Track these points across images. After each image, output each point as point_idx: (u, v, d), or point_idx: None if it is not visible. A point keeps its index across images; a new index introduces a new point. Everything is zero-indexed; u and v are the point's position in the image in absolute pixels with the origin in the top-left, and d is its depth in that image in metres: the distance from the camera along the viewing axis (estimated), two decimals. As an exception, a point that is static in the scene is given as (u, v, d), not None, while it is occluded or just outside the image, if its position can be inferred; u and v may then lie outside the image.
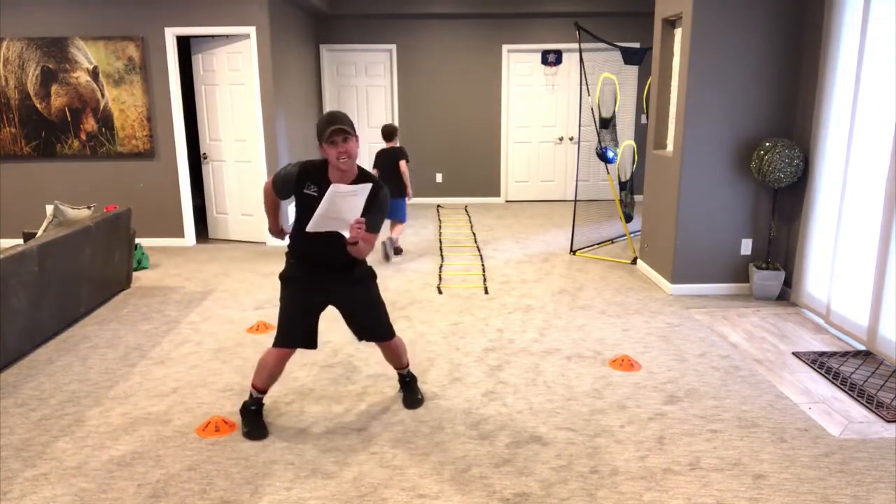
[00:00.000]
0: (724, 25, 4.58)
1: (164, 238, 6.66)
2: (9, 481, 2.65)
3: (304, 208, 2.80)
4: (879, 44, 3.82)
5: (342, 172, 2.79)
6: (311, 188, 2.80)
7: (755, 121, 4.72)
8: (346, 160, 2.73)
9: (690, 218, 4.88)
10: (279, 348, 2.96)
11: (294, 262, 2.95)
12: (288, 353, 2.99)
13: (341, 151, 2.71)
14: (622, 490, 2.57)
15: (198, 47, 6.52)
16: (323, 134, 2.70)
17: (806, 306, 4.55)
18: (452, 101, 8.75)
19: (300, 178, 2.83)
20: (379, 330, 3.09)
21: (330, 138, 2.70)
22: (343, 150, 2.71)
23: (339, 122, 2.70)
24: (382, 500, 2.52)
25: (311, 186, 2.81)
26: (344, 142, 2.71)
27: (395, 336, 3.14)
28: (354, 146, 2.75)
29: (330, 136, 2.69)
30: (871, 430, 3.00)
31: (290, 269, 2.97)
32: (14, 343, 3.77)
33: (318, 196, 2.74)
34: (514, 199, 9.12)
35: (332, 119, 2.72)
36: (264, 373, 3.00)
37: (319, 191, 2.76)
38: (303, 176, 2.83)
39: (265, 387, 3.04)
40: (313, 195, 2.78)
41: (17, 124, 6.35)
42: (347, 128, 2.70)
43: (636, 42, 8.47)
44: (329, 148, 2.72)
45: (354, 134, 2.74)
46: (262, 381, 3.02)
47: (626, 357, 3.76)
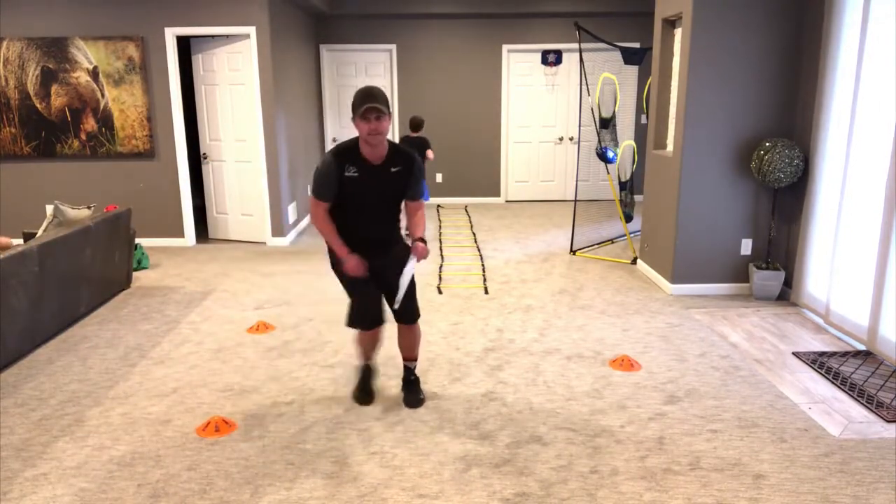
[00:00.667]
0: (724, 25, 4.58)
1: (164, 238, 6.66)
2: (9, 481, 2.65)
3: (347, 189, 2.88)
4: (879, 44, 3.82)
5: (372, 147, 2.85)
6: (351, 170, 2.86)
7: (755, 121, 4.72)
8: (377, 136, 2.79)
9: (690, 218, 4.88)
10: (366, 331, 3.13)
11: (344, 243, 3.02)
12: (377, 331, 3.14)
13: (373, 128, 2.77)
14: (622, 490, 2.57)
15: (198, 47, 6.52)
16: (358, 109, 2.75)
17: (806, 306, 4.55)
18: (452, 101, 8.75)
19: (339, 162, 2.86)
20: (410, 308, 3.15)
21: (364, 115, 2.75)
22: (375, 128, 2.77)
23: (374, 100, 2.74)
24: (382, 500, 2.52)
25: (350, 168, 2.86)
26: (377, 119, 2.76)
27: (418, 319, 3.23)
28: (387, 124, 2.80)
29: (365, 112, 2.74)
30: (871, 430, 3.00)
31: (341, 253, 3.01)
32: (14, 343, 3.77)
33: (357, 176, 2.86)
34: (514, 199, 9.12)
35: (368, 95, 2.76)
36: (361, 349, 3.24)
37: (359, 170, 2.86)
38: (341, 160, 2.87)
39: (368, 357, 3.28)
40: (354, 176, 2.86)
41: (17, 124, 6.35)
42: (382, 106, 2.75)
43: (636, 42, 8.47)
44: (362, 123, 2.77)
45: (389, 112, 2.79)
46: (363, 355, 3.27)
47: (626, 357, 3.76)
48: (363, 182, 2.89)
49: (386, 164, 2.92)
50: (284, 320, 4.46)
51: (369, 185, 2.91)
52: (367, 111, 2.74)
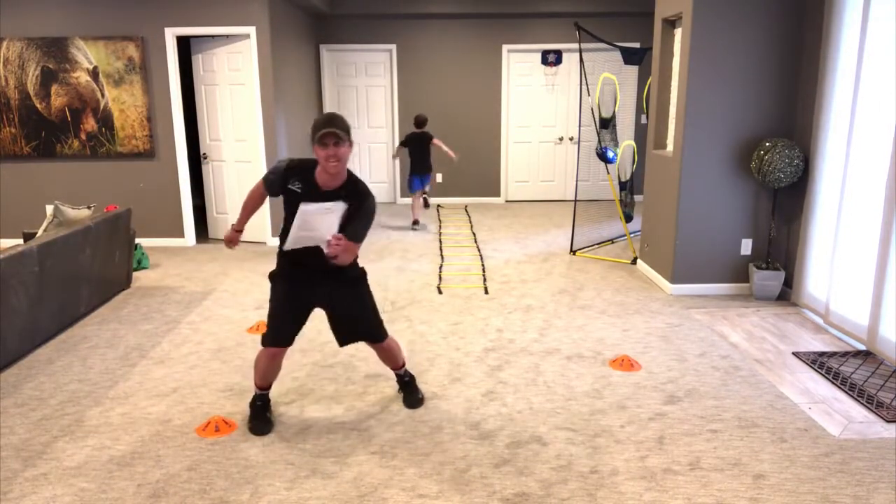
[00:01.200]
0: (724, 25, 4.58)
1: (164, 238, 6.66)
2: (9, 481, 2.65)
3: (289, 205, 2.81)
4: (879, 44, 3.82)
5: (330, 175, 2.75)
6: (296, 184, 2.78)
7: (755, 121, 4.72)
8: (335, 164, 2.69)
9: (690, 218, 4.88)
10: (269, 348, 2.97)
11: (283, 260, 2.96)
12: (279, 352, 3.00)
13: (331, 154, 2.67)
14: (622, 490, 2.57)
15: (198, 47, 6.52)
16: (315, 135, 2.67)
17: (806, 306, 4.55)
18: (452, 101, 8.75)
19: (287, 173, 2.80)
20: (369, 331, 3.07)
21: (322, 140, 2.66)
22: (333, 154, 2.67)
23: (334, 125, 2.66)
24: (382, 500, 2.52)
25: (295, 182, 2.78)
26: (335, 145, 2.67)
27: (387, 337, 3.12)
28: (346, 151, 2.71)
29: (322, 138, 2.65)
30: (871, 430, 3.00)
31: (279, 268, 2.98)
32: (14, 343, 3.77)
33: (300, 193, 2.76)
34: (514, 199, 9.12)
35: (329, 121, 2.67)
36: (259, 373, 3.05)
37: (304, 188, 2.76)
38: (290, 172, 2.80)
39: (263, 384, 3.09)
40: (297, 191, 2.77)
41: (17, 124, 6.35)
42: (341, 132, 2.66)
43: (636, 42, 8.47)
44: (319, 149, 2.68)
45: (349, 139, 2.70)
46: (259, 380, 3.07)
47: (626, 357, 3.76)
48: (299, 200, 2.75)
49: (336, 194, 2.76)
50: (284, 320, 4.46)
51: None
52: (325, 136, 2.64)
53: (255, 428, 3.02)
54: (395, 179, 9.00)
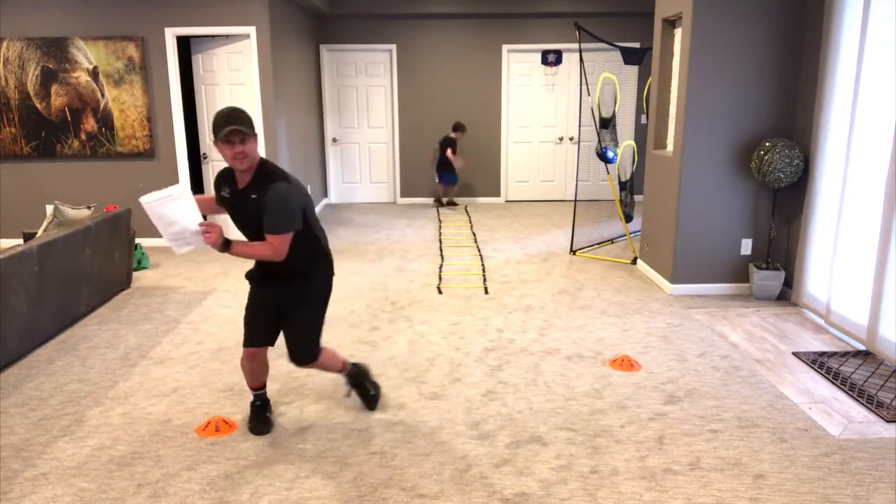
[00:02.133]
0: (724, 25, 4.58)
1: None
2: (9, 481, 2.65)
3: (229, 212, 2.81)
4: (879, 44, 3.82)
5: (241, 173, 2.68)
6: (225, 190, 2.75)
7: (755, 121, 4.72)
8: (243, 160, 2.60)
9: (690, 218, 4.88)
10: (246, 349, 2.95)
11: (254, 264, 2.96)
12: (256, 352, 2.95)
13: (238, 152, 2.57)
14: (622, 490, 2.57)
15: (198, 47, 6.52)
16: (219, 132, 2.55)
17: (806, 306, 4.55)
18: (452, 101, 8.75)
19: (217, 183, 2.79)
20: (295, 350, 2.91)
21: (226, 138, 2.55)
22: (240, 151, 2.57)
23: (237, 122, 2.55)
24: (382, 500, 2.52)
25: (224, 189, 2.75)
26: (241, 143, 2.57)
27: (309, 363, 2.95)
28: (253, 146, 2.61)
29: (227, 135, 2.55)
30: (871, 430, 3.00)
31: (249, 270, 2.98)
32: (14, 343, 3.77)
33: (229, 198, 2.74)
34: (514, 199, 9.11)
35: (230, 117, 2.56)
36: (245, 374, 3.04)
37: (231, 192, 2.73)
38: (219, 181, 2.78)
39: (254, 385, 3.07)
40: (226, 197, 2.75)
41: (17, 124, 6.35)
42: (245, 128, 2.56)
43: (636, 42, 8.47)
44: (224, 147, 2.58)
45: (253, 133, 2.61)
46: (248, 381, 3.07)
47: (626, 357, 3.76)
48: (231, 205, 2.75)
49: (247, 189, 2.68)
50: (284, 320, 4.46)
51: (235, 208, 2.74)
52: (229, 134, 2.53)
53: (254, 428, 3.02)
54: (396, 180, 9.00)
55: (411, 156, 8.91)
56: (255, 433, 3.00)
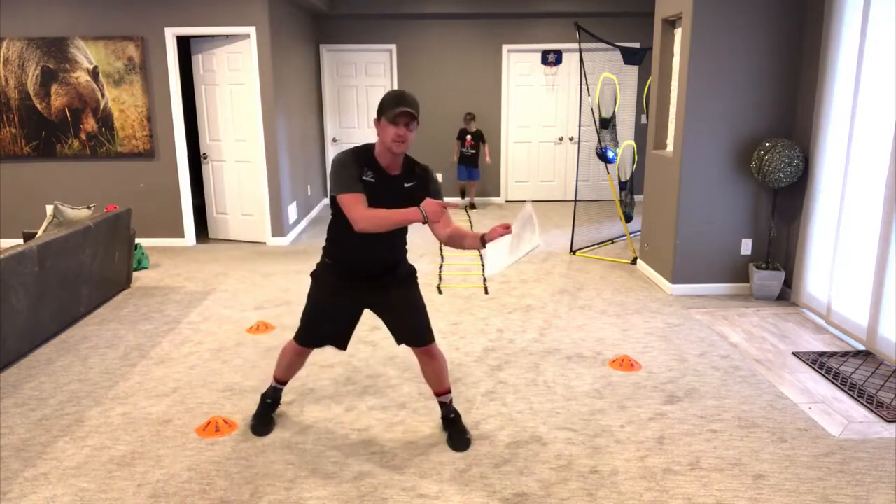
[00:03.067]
0: (724, 26, 4.58)
1: (164, 238, 6.66)
2: (9, 481, 2.65)
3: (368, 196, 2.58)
4: (879, 44, 3.82)
5: (392, 156, 2.59)
6: (369, 174, 2.57)
7: (755, 121, 4.72)
8: (402, 144, 2.52)
9: (690, 218, 4.88)
10: (297, 345, 2.90)
11: (331, 263, 2.76)
12: (306, 351, 2.93)
13: (401, 134, 2.50)
14: (622, 490, 2.57)
15: (198, 47, 6.52)
16: (388, 111, 2.48)
17: (806, 306, 4.55)
18: (452, 101, 8.75)
19: (358, 163, 2.57)
20: (417, 331, 2.80)
21: (395, 119, 2.48)
22: (403, 135, 2.50)
23: (410, 105, 2.49)
24: (382, 500, 2.52)
25: (368, 172, 2.57)
26: (406, 126, 2.50)
27: (433, 341, 2.84)
28: (413, 135, 2.54)
29: (396, 116, 2.47)
30: (871, 430, 3.00)
31: (324, 270, 2.78)
32: (14, 343, 3.77)
33: (374, 182, 2.57)
34: (514, 199, 9.11)
35: (403, 99, 2.50)
36: (283, 365, 2.99)
37: (376, 176, 2.58)
38: (359, 160, 2.58)
39: (284, 378, 3.04)
40: (371, 181, 2.57)
41: (17, 124, 6.35)
42: (415, 112, 2.50)
43: (636, 42, 8.47)
44: (390, 126, 2.49)
45: (418, 121, 2.55)
46: (281, 372, 3.02)
47: (626, 357, 3.76)
48: (378, 190, 2.58)
49: (401, 176, 2.64)
50: (284, 320, 4.46)
51: (383, 195, 2.58)
52: (399, 115, 2.47)
53: (255, 428, 3.02)
54: (395, 179, 8.99)
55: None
56: (255, 433, 3.00)
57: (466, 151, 8.32)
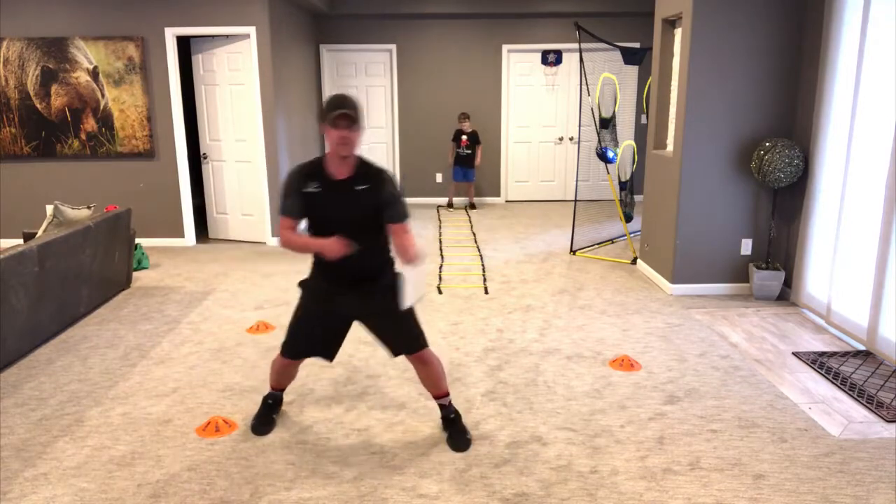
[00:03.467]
0: (723, 25, 4.58)
1: (164, 238, 6.66)
2: (9, 481, 2.65)
3: (311, 209, 2.67)
4: (879, 44, 3.82)
5: (341, 160, 2.63)
6: (312, 185, 2.64)
7: (755, 121, 4.72)
8: (347, 146, 2.56)
9: (690, 218, 4.88)
10: (286, 358, 2.93)
11: (315, 271, 2.80)
12: (293, 363, 2.96)
13: (343, 136, 2.55)
14: (622, 490, 2.57)
15: (198, 47, 6.52)
16: (328, 115, 2.54)
17: (806, 306, 4.55)
18: (452, 101, 8.75)
19: (301, 177, 2.66)
20: (406, 339, 2.83)
21: (335, 122, 2.53)
22: (345, 136, 2.55)
23: (347, 107, 2.53)
24: (382, 500, 2.52)
25: (311, 184, 2.64)
26: (348, 128, 2.54)
27: (426, 347, 2.85)
28: (357, 136, 2.58)
29: (336, 119, 2.53)
30: (871, 430, 3.00)
31: (312, 279, 2.82)
32: (14, 343, 3.77)
33: (319, 192, 2.63)
34: (514, 199, 9.12)
35: (341, 102, 2.54)
36: (273, 374, 3.05)
37: (321, 185, 2.64)
38: (301, 178, 2.66)
39: (279, 386, 3.10)
40: (315, 192, 2.63)
41: (17, 124, 6.35)
42: (353, 114, 2.54)
43: (636, 42, 8.47)
44: (332, 130, 2.55)
45: (361, 124, 2.59)
46: (274, 381, 3.08)
47: (626, 357, 3.76)
48: (325, 199, 2.64)
49: (351, 181, 2.65)
50: (284, 320, 4.46)
51: (333, 203, 2.64)
52: (339, 117, 2.52)
53: (256, 428, 3.02)
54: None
55: (411, 156, 8.92)
56: (255, 433, 3.00)
57: (462, 152, 8.31)
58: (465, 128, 8.26)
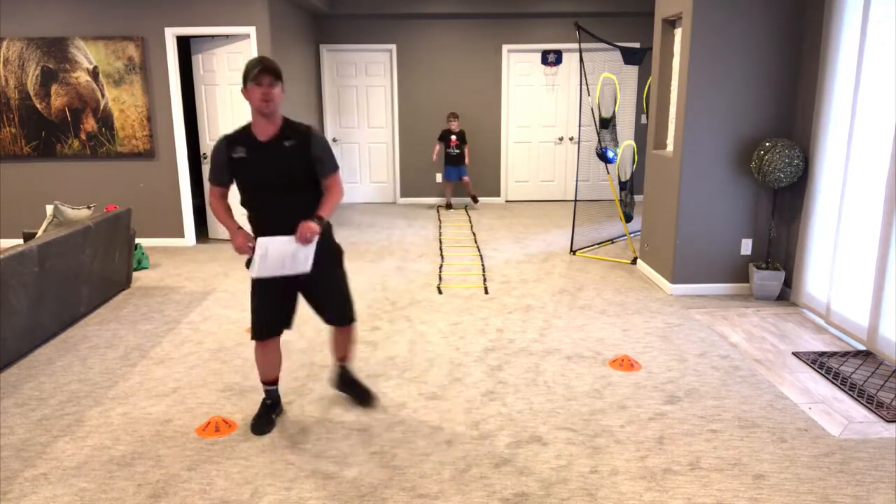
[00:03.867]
0: (723, 25, 4.58)
1: (164, 238, 6.66)
2: (9, 481, 2.65)
3: (241, 174, 2.75)
4: (879, 44, 3.82)
5: (266, 120, 2.71)
6: (239, 150, 2.72)
7: (755, 121, 4.72)
8: (270, 104, 2.64)
9: (690, 218, 4.88)
10: (259, 342, 2.96)
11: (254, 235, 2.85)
12: (269, 344, 2.97)
13: (265, 93, 2.62)
14: (622, 490, 2.57)
15: (198, 47, 6.52)
16: (249, 74, 2.62)
17: (806, 306, 4.55)
18: (452, 101, 8.74)
19: (227, 144, 2.74)
20: (342, 308, 3.01)
21: (257, 78, 2.61)
22: (267, 93, 2.62)
23: (268, 65, 2.63)
24: (382, 500, 2.52)
25: (238, 150, 2.72)
26: (269, 85, 2.63)
27: (353, 321, 3.07)
28: (279, 93, 2.67)
29: (258, 75, 2.61)
30: (871, 430, 3.00)
31: None
32: (14, 343, 3.77)
33: (246, 157, 2.71)
34: (514, 199, 9.11)
35: (262, 62, 2.63)
36: (259, 367, 3.07)
37: (248, 149, 2.71)
38: (226, 145, 2.74)
39: (265, 378, 3.09)
40: (242, 157, 2.72)
41: (17, 124, 6.35)
42: (274, 71, 2.63)
43: (636, 42, 8.47)
44: (255, 88, 2.63)
45: (281, 82, 2.68)
46: (260, 375, 3.08)
47: (626, 357, 3.76)
48: (253, 162, 2.72)
49: (277, 139, 2.73)
50: (284, 320, 4.46)
51: (261, 164, 2.72)
52: (260, 73, 2.60)
53: (255, 427, 3.02)
54: (396, 180, 9.00)
55: (411, 156, 8.91)
56: (255, 433, 3.00)
57: (452, 151, 8.30)
58: (453, 127, 8.24)
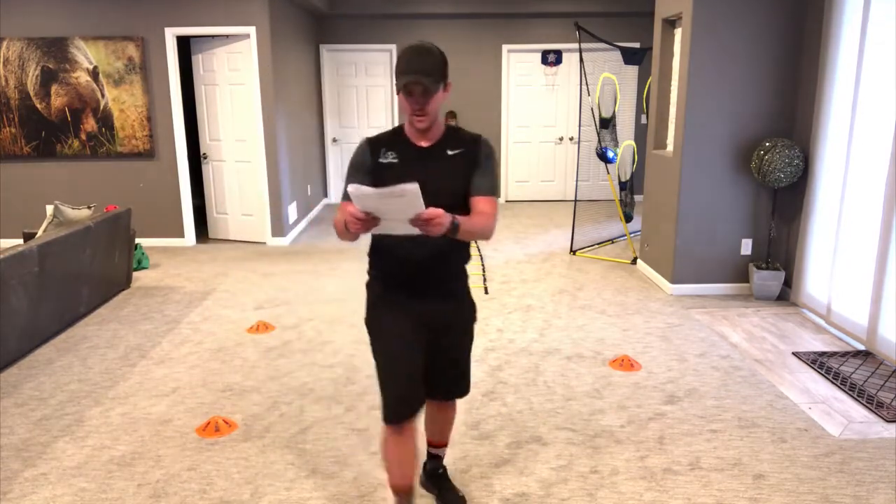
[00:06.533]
0: (724, 25, 4.58)
1: (164, 238, 6.66)
2: (9, 481, 2.65)
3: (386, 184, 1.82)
4: (879, 44, 3.82)
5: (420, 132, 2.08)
6: (389, 155, 2.09)
7: (755, 121, 4.72)
8: (423, 119, 2.01)
9: (690, 218, 4.88)
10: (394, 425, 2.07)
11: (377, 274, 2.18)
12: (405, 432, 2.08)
13: (416, 110, 2.00)
14: (622, 490, 2.57)
15: (198, 47, 6.52)
16: (399, 80, 1.96)
17: (806, 306, 4.55)
18: (452, 101, 8.74)
19: (374, 147, 2.10)
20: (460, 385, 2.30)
21: (407, 88, 1.97)
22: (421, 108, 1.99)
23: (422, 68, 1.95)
24: (382, 500, 2.52)
25: (388, 154, 2.09)
26: (423, 95, 1.97)
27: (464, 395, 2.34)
28: (434, 103, 2.01)
29: (407, 86, 1.96)
30: (871, 430, 3.00)
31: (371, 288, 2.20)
32: (14, 343, 3.77)
33: (398, 163, 2.07)
34: (514, 199, 9.11)
35: (414, 60, 1.96)
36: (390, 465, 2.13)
37: (399, 155, 2.08)
38: (376, 144, 2.11)
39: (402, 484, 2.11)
40: (392, 163, 2.07)
41: (17, 124, 6.35)
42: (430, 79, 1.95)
43: (636, 42, 8.47)
44: (403, 98, 2.01)
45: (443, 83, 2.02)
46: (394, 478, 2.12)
47: (626, 357, 3.76)
48: (405, 167, 2.06)
49: (439, 145, 2.10)
50: (284, 320, 4.46)
51: (413, 170, 2.03)
52: (409, 85, 1.95)
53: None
54: (395, 179, 8.99)
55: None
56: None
57: None
58: None
